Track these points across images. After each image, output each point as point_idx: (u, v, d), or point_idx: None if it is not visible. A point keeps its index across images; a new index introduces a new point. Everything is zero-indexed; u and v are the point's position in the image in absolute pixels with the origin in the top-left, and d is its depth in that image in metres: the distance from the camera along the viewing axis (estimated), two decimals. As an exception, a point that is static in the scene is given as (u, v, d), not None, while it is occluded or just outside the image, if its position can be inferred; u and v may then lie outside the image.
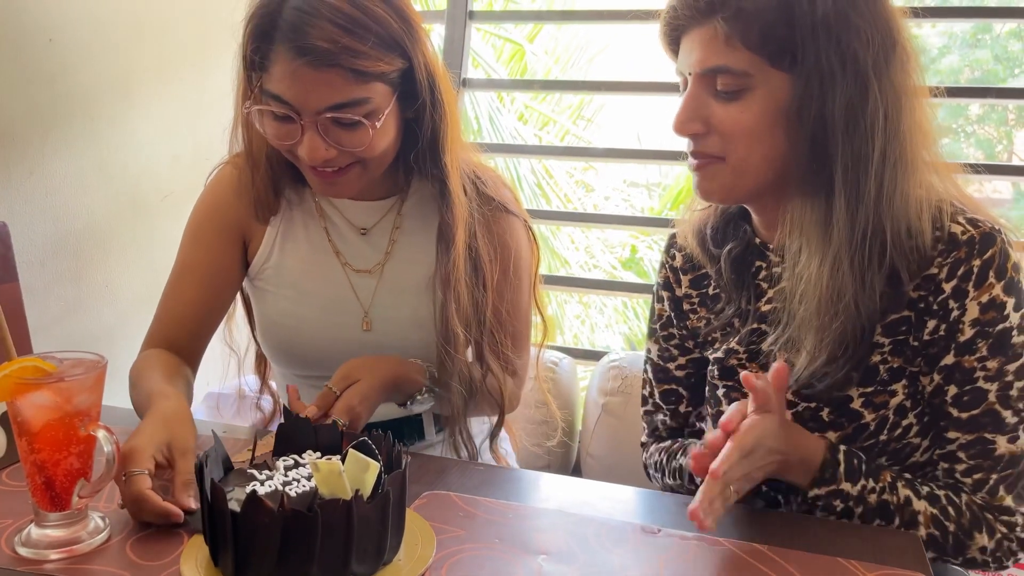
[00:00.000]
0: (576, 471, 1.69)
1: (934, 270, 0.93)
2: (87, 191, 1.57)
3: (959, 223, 0.93)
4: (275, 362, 1.27)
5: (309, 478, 0.82)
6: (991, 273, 0.91)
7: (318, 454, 0.87)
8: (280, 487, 0.80)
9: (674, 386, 1.18)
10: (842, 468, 0.93)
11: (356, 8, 0.99)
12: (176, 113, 1.75)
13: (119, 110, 1.62)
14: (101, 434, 0.80)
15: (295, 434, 0.90)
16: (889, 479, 0.94)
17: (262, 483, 0.80)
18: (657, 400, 1.20)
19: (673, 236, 1.18)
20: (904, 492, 0.94)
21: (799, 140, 0.92)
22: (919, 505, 0.93)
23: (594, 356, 1.83)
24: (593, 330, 5.06)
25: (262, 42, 1.01)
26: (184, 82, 1.76)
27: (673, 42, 0.99)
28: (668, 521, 0.92)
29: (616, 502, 0.97)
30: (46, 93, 1.46)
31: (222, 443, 0.84)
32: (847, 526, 0.93)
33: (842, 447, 0.95)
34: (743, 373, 0.91)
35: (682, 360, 1.17)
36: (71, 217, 1.55)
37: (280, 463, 0.85)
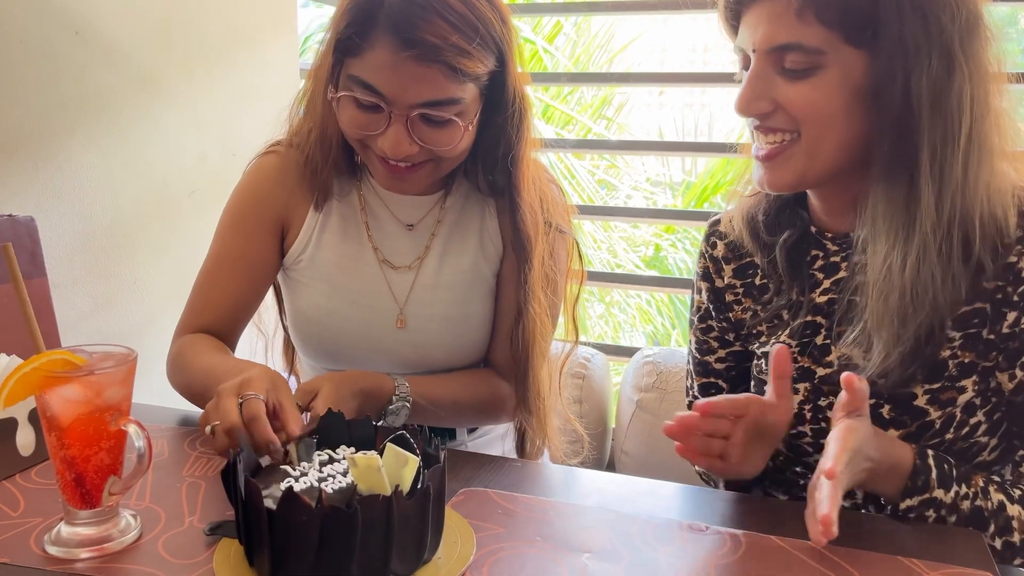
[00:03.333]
0: (610, 468, 1.66)
1: (1013, 258, 0.88)
2: (114, 187, 1.56)
3: None
4: (305, 354, 1.25)
5: (345, 473, 0.79)
6: None
7: (352, 449, 0.85)
8: (316, 483, 0.77)
9: (713, 379, 1.15)
10: (934, 475, 0.87)
11: (466, 6, 0.97)
12: (204, 109, 1.74)
13: (146, 105, 1.61)
14: (132, 429, 0.78)
15: (328, 429, 0.87)
16: (981, 483, 0.89)
17: (297, 479, 0.78)
18: (696, 393, 1.16)
19: (714, 224, 1.13)
20: (997, 497, 0.88)
21: (879, 121, 0.87)
22: (1013, 510, 0.88)
23: (627, 352, 1.80)
24: (618, 329, 5.02)
25: (362, 27, 0.97)
26: (212, 78, 1.75)
27: (734, 16, 0.94)
28: (715, 518, 0.88)
29: (659, 498, 0.94)
30: (73, 88, 1.45)
31: (247, 441, 0.82)
32: (906, 524, 0.88)
33: (930, 452, 0.89)
34: (844, 374, 0.84)
35: (721, 353, 1.13)
36: (99, 213, 1.54)
37: (314, 459, 0.83)
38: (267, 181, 1.17)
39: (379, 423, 1.08)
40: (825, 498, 0.76)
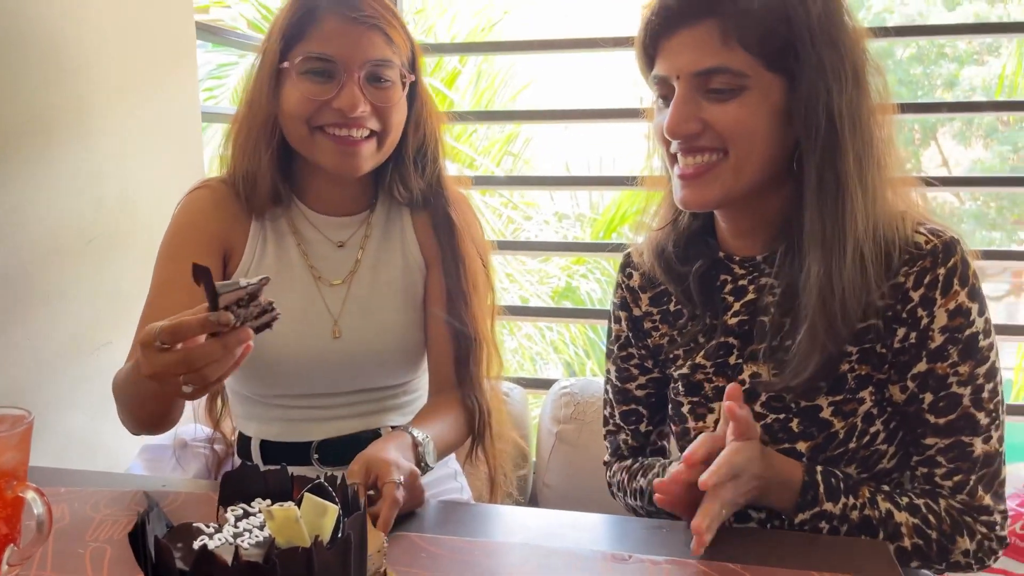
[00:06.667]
0: (532, 502, 1.66)
1: (900, 279, 0.94)
2: (2, 237, 1.49)
3: (921, 233, 0.95)
4: (238, 383, 1.23)
5: (261, 527, 0.77)
6: (955, 281, 0.93)
7: (268, 501, 0.83)
8: (231, 540, 0.75)
9: (635, 406, 1.17)
10: (822, 489, 0.93)
11: (388, 7, 1.15)
12: (100, 153, 1.68)
13: (37, 149, 1.54)
14: (30, 495, 0.74)
15: (242, 481, 0.84)
16: (868, 494, 0.95)
17: (211, 536, 0.75)
18: (618, 420, 1.19)
19: (628, 255, 1.17)
20: (885, 505, 0.94)
21: (804, 139, 0.94)
22: (900, 517, 0.93)
23: (544, 384, 1.81)
24: (533, 362, 5.05)
25: (307, 13, 1.12)
26: (107, 120, 1.69)
27: (653, 47, 0.99)
28: (638, 547, 0.89)
29: (583, 530, 0.95)
30: (-45, 136, 1.38)
31: (155, 500, 0.79)
32: (817, 538, 0.92)
33: (819, 467, 0.95)
34: (726, 404, 0.90)
35: (642, 380, 1.16)
36: (-15, 266, 1.46)
37: (229, 514, 0.80)
38: (203, 209, 1.19)
39: (424, 468, 1.06)
40: (700, 509, 0.86)
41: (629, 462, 1.16)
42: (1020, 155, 9.50)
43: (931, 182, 1.05)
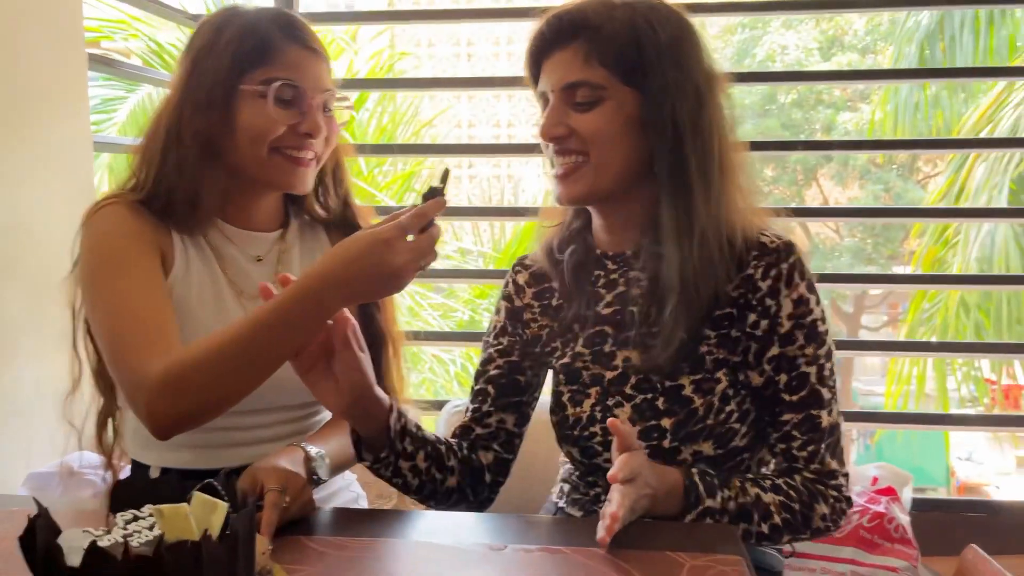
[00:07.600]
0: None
1: (751, 271, 1.09)
2: None
3: (766, 235, 1.11)
4: None
5: (151, 528, 0.80)
6: (796, 274, 1.09)
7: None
8: (121, 540, 0.77)
9: (484, 385, 1.24)
10: (701, 488, 1.04)
11: None
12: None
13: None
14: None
15: (131, 491, 0.87)
16: (738, 483, 1.06)
17: (100, 538, 0.78)
18: (468, 401, 1.27)
19: (521, 258, 1.30)
20: (753, 490, 1.06)
21: (656, 144, 1.09)
22: (767, 497, 1.06)
23: (437, 405, 1.87)
24: (437, 395, 5.09)
25: (264, 39, 1.16)
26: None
27: (535, 66, 1.15)
28: (511, 537, 0.97)
29: (464, 527, 1.02)
30: None
31: (45, 507, 0.80)
32: (671, 524, 1.02)
33: (694, 470, 1.06)
34: (609, 420, 1.00)
35: (499, 361, 1.24)
36: None
37: (118, 518, 0.83)
38: (136, 219, 1.16)
39: (317, 481, 1.10)
40: (612, 500, 0.93)
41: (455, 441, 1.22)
42: (890, 193, 10.23)
43: (780, 212, 1.22)
